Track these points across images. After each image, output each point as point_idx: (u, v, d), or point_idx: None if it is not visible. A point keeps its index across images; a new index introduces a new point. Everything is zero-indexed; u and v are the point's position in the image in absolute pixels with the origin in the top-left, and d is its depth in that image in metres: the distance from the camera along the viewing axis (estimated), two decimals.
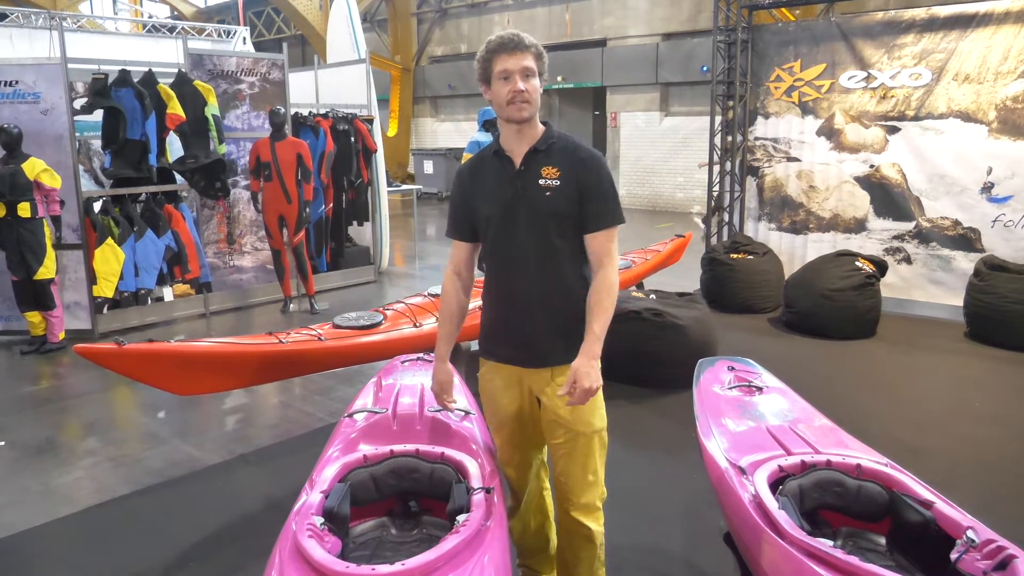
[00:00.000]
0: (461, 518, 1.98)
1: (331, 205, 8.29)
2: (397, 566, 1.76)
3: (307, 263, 7.25)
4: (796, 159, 7.52)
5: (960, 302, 6.29)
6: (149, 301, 6.95)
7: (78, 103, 6.45)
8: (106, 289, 6.25)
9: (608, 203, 2.23)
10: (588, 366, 2.15)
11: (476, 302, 2.39)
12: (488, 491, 2.13)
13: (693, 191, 14.86)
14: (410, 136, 21.10)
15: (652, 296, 5.45)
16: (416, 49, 20.69)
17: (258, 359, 3.89)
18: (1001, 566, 1.77)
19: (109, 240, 6.23)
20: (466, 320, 2.47)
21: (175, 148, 6.86)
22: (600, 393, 2.28)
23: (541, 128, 2.26)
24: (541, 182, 2.20)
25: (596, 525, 2.34)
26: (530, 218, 2.21)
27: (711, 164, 8.01)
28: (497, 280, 2.33)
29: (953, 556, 1.88)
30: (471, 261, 2.41)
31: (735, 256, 7.11)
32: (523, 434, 2.39)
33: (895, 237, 6.99)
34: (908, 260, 6.94)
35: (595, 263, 2.24)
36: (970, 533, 1.90)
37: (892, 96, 6.83)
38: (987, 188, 6.41)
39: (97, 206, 6.51)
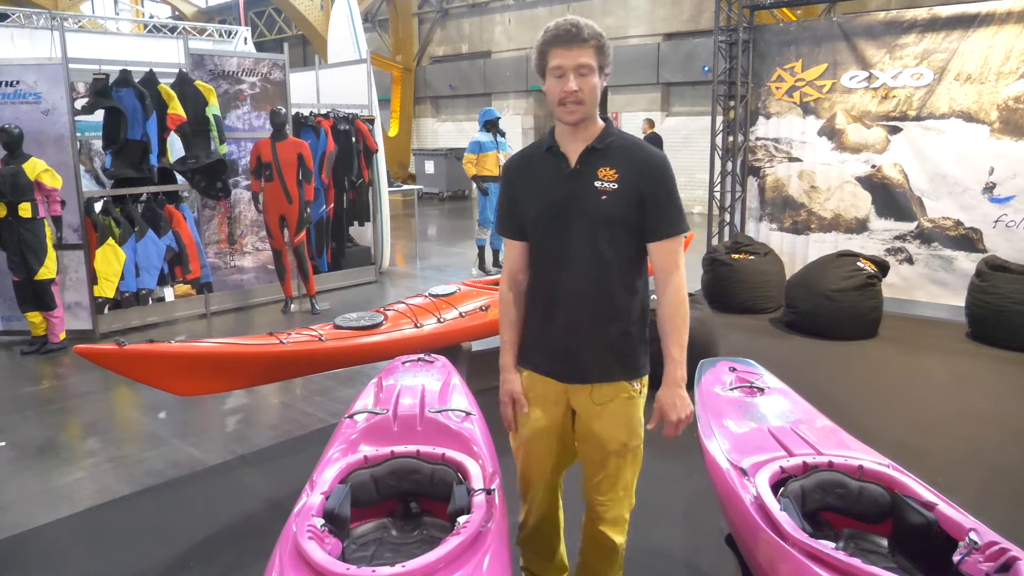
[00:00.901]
0: (462, 519, 1.98)
1: (332, 205, 8.28)
2: (398, 568, 1.75)
3: (308, 263, 7.24)
4: (797, 159, 7.51)
5: (962, 302, 6.28)
6: (150, 301, 6.95)
7: (79, 103, 6.45)
8: (107, 289, 6.25)
9: (672, 210, 2.06)
10: (673, 396, 2.10)
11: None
12: (489, 492, 2.12)
13: (695, 191, 14.83)
14: (411, 136, 21.11)
15: (652, 297, 5.43)
16: (417, 49, 20.71)
17: (259, 360, 3.89)
18: (1004, 568, 1.77)
19: (110, 240, 6.23)
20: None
21: (176, 148, 6.86)
22: (640, 410, 2.21)
23: (600, 125, 2.08)
24: (597, 184, 2.03)
25: (620, 537, 2.30)
26: (581, 222, 2.05)
27: (712, 164, 8.00)
28: (541, 285, 2.18)
29: (956, 558, 1.87)
30: (526, 261, 2.24)
31: (736, 256, 7.11)
32: (550, 450, 2.28)
33: (897, 237, 6.98)
34: (910, 260, 6.93)
35: (661, 276, 2.10)
36: (973, 535, 1.89)
37: (894, 96, 6.82)
38: (989, 188, 6.40)
39: (98, 206, 6.50)
